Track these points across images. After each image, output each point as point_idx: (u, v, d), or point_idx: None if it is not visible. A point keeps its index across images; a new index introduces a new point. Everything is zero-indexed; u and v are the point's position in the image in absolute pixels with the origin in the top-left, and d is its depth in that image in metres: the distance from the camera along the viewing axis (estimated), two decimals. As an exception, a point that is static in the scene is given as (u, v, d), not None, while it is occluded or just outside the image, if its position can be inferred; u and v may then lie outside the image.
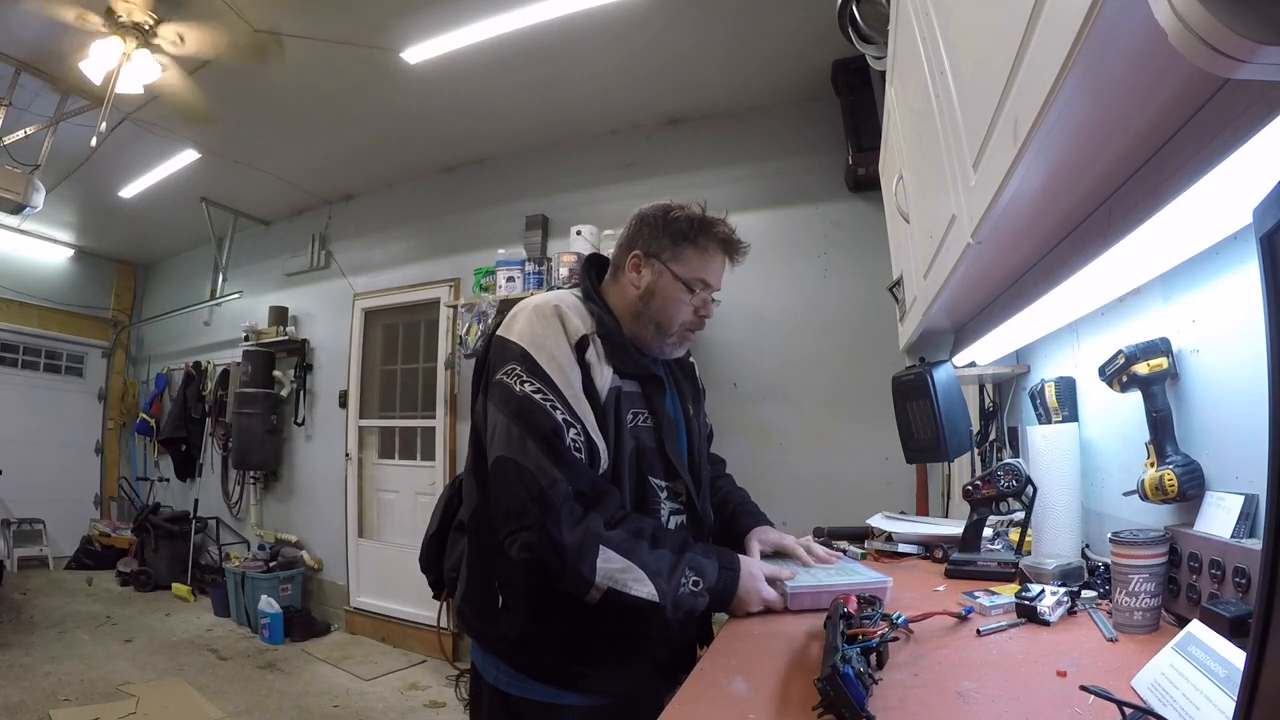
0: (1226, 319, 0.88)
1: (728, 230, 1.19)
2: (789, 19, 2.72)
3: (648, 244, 1.17)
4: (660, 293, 1.16)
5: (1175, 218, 0.61)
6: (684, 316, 1.17)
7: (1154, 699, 0.66)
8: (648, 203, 1.22)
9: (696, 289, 1.16)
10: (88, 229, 5.50)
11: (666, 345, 1.19)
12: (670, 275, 1.15)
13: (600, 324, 1.12)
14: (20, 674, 3.19)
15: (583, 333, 1.09)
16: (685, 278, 1.15)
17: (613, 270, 1.22)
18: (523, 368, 1.04)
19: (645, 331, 1.17)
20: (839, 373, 3.09)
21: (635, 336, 1.18)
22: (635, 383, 1.13)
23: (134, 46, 2.80)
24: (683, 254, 1.16)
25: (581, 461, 1.02)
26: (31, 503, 5.45)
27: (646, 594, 0.98)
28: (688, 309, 1.17)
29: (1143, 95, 0.53)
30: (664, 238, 1.16)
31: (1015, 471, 1.29)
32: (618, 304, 1.19)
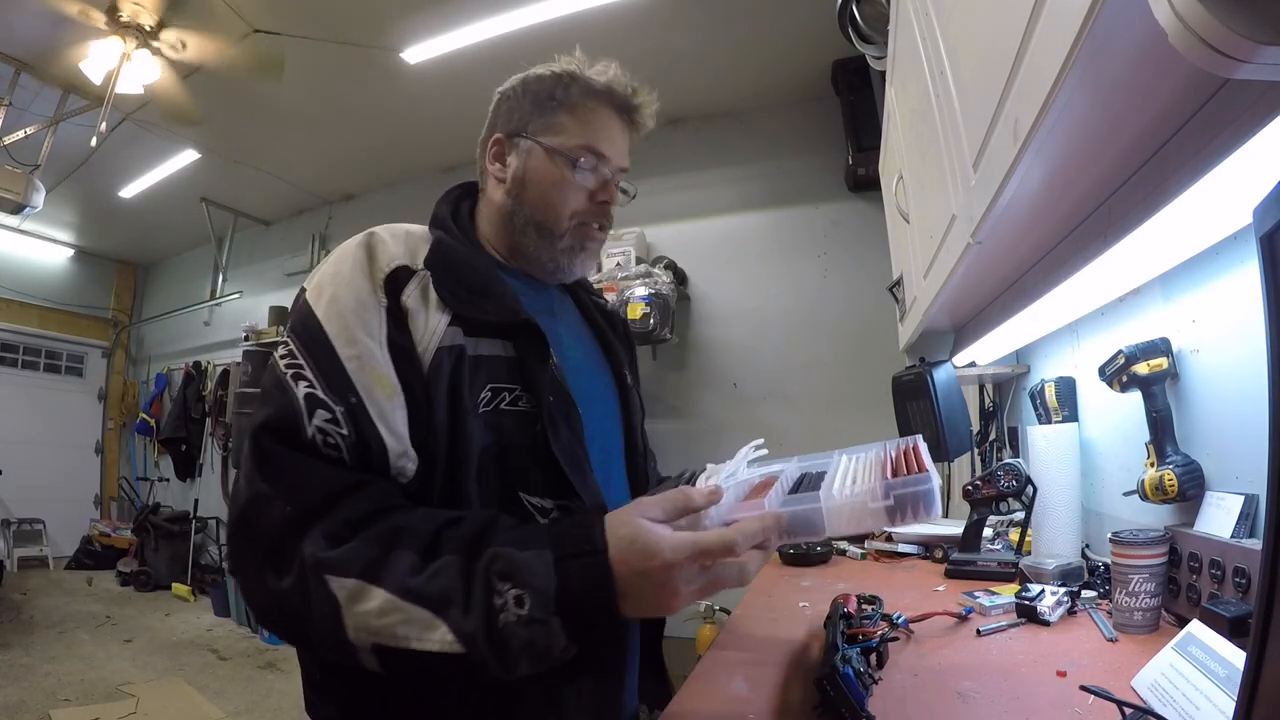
0: (1226, 319, 0.88)
1: (613, 77, 0.85)
2: (789, 19, 2.72)
3: (507, 121, 0.85)
4: (532, 177, 0.82)
5: (1175, 218, 0.61)
6: (574, 203, 0.82)
7: (1154, 699, 0.66)
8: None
9: (581, 160, 0.82)
10: (88, 229, 5.50)
11: (560, 254, 0.84)
12: (541, 151, 0.82)
13: (436, 251, 0.76)
14: (20, 674, 3.19)
15: (399, 263, 0.72)
16: (562, 148, 0.82)
17: (480, 181, 0.90)
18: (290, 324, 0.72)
19: (525, 239, 0.83)
20: (839, 373, 3.09)
21: (516, 254, 0.85)
22: (502, 342, 0.74)
23: (134, 46, 2.80)
24: (555, 121, 0.83)
25: (317, 463, 0.63)
26: (31, 503, 5.45)
27: (436, 643, 0.56)
28: (577, 193, 0.82)
29: (1143, 95, 0.53)
30: (525, 106, 0.84)
31: (1015, 471, 1.29)
32: (488, 217, 0.87)
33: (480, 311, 0.73)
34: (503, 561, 0.57)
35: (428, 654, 0.56)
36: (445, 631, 0.56)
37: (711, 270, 3.39)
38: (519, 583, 0.56)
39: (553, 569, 0.57)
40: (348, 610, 0.57)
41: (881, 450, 0.75)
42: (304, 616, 0.58)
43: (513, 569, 0.57)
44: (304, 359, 0.67)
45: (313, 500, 0.61)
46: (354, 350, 0.67)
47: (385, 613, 0.56)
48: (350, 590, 0.57)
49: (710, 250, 3.39)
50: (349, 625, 0.57)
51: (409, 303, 0.71)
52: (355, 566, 0.58)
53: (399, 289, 0.71)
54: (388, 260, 0.73)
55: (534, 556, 0.58)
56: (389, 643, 0.56)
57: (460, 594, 0.56)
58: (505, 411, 0.72)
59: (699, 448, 3.30)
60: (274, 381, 0.67)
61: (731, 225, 3.39)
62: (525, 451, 0.72)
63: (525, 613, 0.55)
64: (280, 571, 0.59)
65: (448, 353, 0.70)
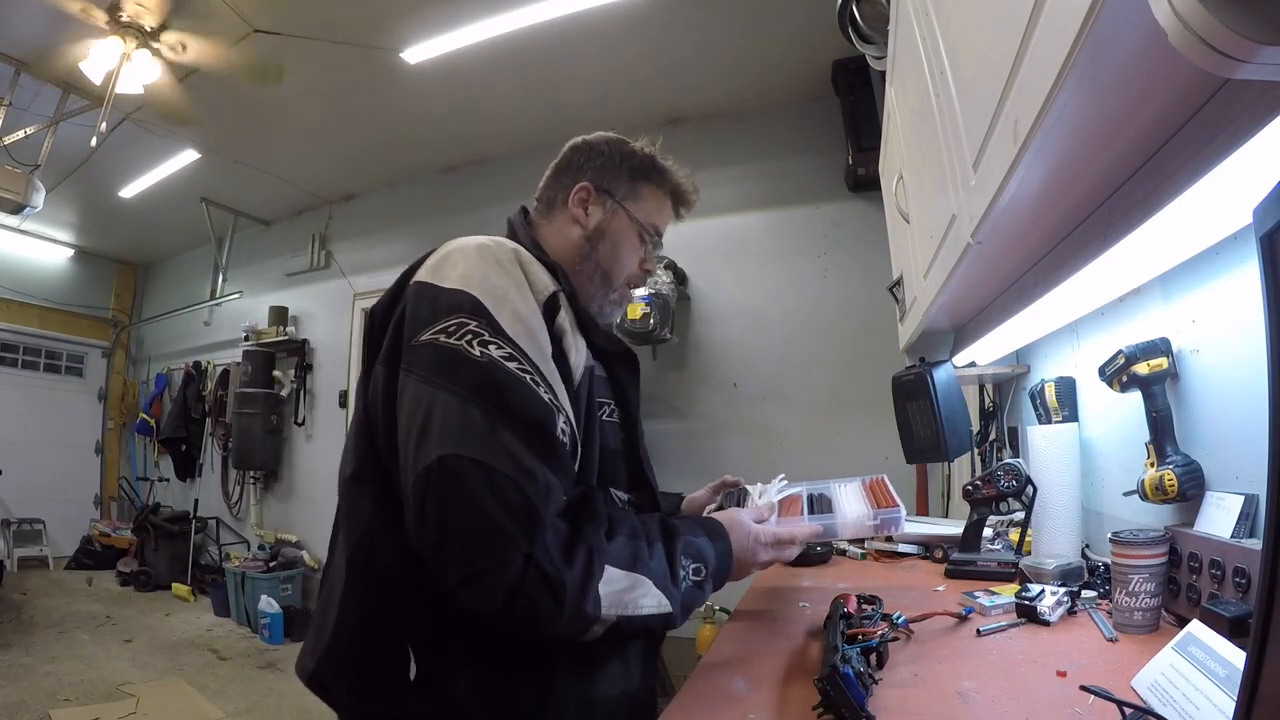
0: (1226, 319, 0.88)
1: (685, 177, 1.03)
2: (789, 19, 2.72)
3: (600, 176, 0.96)
4: (612, 235, 0.95)
5: (1175, 218, 0.61)
6: (631, 266, 0.97)
7: (1154, 699, 0.66)
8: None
9: (649, 237, 0.98)
10: (88, 229, 5.50)
11: (609, 303, 0.97)
12: (625, 216, 0.96)
13: (561, 279, 0.85)
14: (20, 674, 3.19)
15: (552, 289, 0.80)
16: (642, 221, 0.97)
17: (545, 208, 0.99)
18: (479, 323, 0.72)
19: (588, 284, 0.94)
20: (839, 373, 3.09)
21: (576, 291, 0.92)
22: (602, 364, 0.90)
23: (134, 47, 2.80)
24: (641, 194, 0.98)
25: (570, 464, 0.75)
26: (31, 503, 5.45)
27: (657, 608, 0.74)
28: (636, 259, 0.98)
29: (1143, 95, 0.53)
30: (620, 171, 0.97)
31: (1015, 471, 1.29)
32: (556, 249, 0.94)
33: (595, 338, 0.88)
34: (693, 546, 0.81)
35: (645, 617, 0.73)
36: (662, 597, 0.75)
37: (711, 270, 3.39)
38: (701, 559, 0.81)
39: (713, 548, 0.84)
40: (609, 591, 0.71)
41: (861, 482, 1.18)
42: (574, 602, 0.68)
43: (698, 551, 0.82)
44: (526, 363, 0.73)
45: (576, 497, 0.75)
46: (548, 365, 0.76)
47: (634, 588, 0.73)
48: (615, 575, 0.72)
49: (710, 250, 3.38)
50: (606, 604, 0.70)
51: (564, 325, 0.81)
52: (620, 556, 0.73)
53: (553, 316, 0.80)
54: (541, 286, 0.80)
55: (705, 542, 0.83)
56: (629, 611, 0.72)
57: (669, 570, 0.77)
58: (606, 423, 0.89)
59: (699, 447, 3.30)
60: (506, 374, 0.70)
61: (731, 225, 3.39)
62: (618, 455, 0.91)
63: (699, 579, 0.80)
64: (567, 560, 0.69)
65: (589, 371, 0.83)
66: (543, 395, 0.71)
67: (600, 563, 0.70)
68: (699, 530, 0.85)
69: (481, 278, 0.75)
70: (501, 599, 0.66)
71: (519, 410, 0.69)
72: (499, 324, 0.72)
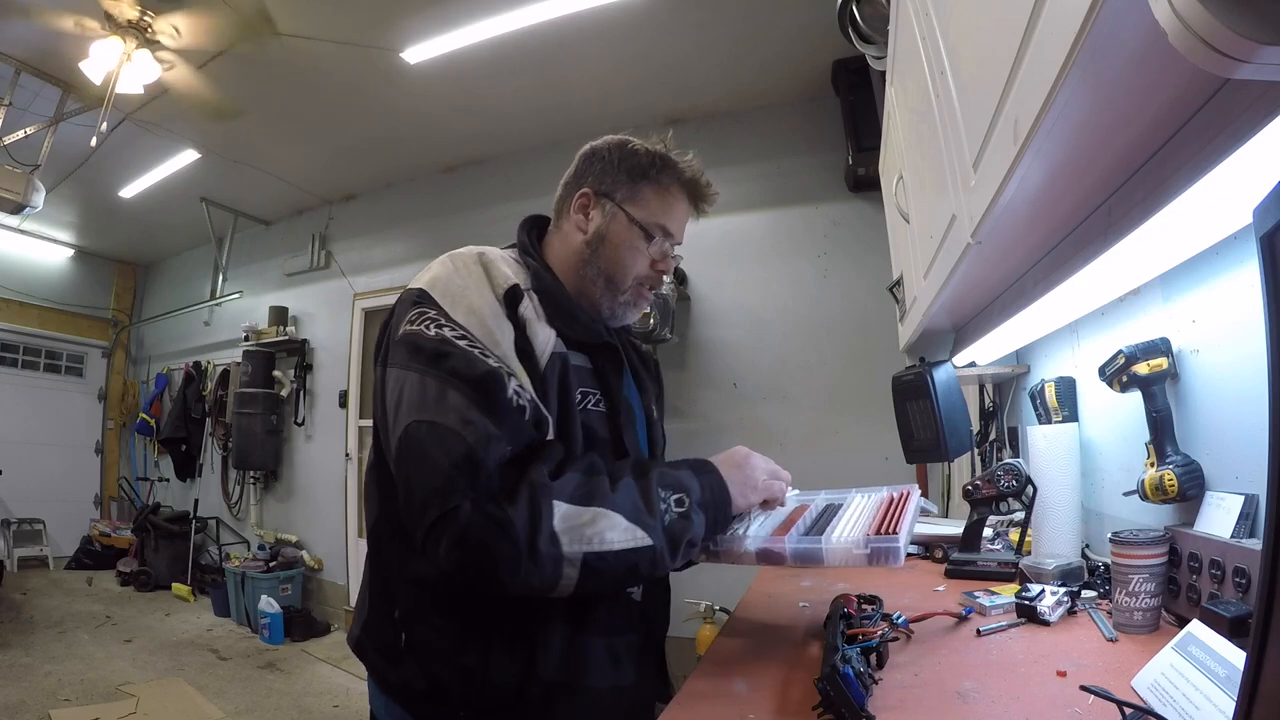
0: (1226, 319, 0.88)
1: (695, 170, 1.00)
2: (789, 19, 2.72)
3: (599, 181, 0.97)
4: (612, 238, 0.96)
5: (1175, 218, 0.61)
6: (639, 269, 0.97)
7: (1154, 699, 0.66)
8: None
9: (655, 236, 0.97)
10: (88, 229, 5.50)
11: (618, 305, 0.98)
12: (625, 218, 0.96)
13: (537, 278, 0.91)
14: (20, 674, 3.19)
15: (514, 282, 0.86)
16: (643, 221, 0.96)
17: (555, 218, 1.03)
18: (435, 311, 0.81)
19: (593, 287, 0.96)
20: (839, 373, 3.09)
21: (581, 294, 0.97)
22: (584, 355, 0.92)
23: (134, 46, 2.80)
24: (641, 194, 0.97)
25: (526, 420, 0.78)
26: (31, 503, 5.45)
27: (631, 541, 0.74)
28: (644, 259, 0.97)
29: (1143, 95, 0.53)
30: (619, 173, 0.97)
31: (1015, 471, 1.29)
32: (561, 255, 0.98)
33: (574, 331, 0.89)
34: (669, 476, 0.82)
35: (620, 551, 0.74)
36: (637, 530, 0.75)
37: (711, 270, 3.39)
38: (679, 489, 0.81)
39: (696, 479, 0.83)
40: (565, 527, 0.72)
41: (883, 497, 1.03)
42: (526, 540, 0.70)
43: (675, 481, 0.81)
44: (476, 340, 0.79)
45: (521, 445, 0.77)
46: (500, 351, 0.80)
47: (595, 521, 0.73)
48: (566, 511, 0.73)
49: (710, 250, 3.38)
50: (565, 541, 0.72)
51: (526, 315, 0.85)
52: (569, 492, 0.75)
53: (515, 304, 0.84)
54: (503, 279, 0.86)
55: (687, 474, 0.84)
56: (598, 547, 0.73)
57: (644, 502, 0.77)
58: (592, 412, 0.90)
59: (699, 448, 3.29)
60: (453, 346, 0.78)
61: (731, 225, 3.39)
62: (605, 444, 0.91)
63: (685, 510, 0.79)
64: (510, 499, 0.72)
65: (558, 358, 0.85)
66: (489, 361, 0.77)
67: (546, 498, 0.73)
68: (680, 465, 0.86)
69: (444, 278, 0.85)
70: (457, 547, 0.70)
71: (464, 371, 0.76)
72: (447, 312, 0.81)
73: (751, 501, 0.89)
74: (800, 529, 0.94)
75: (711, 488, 0.84)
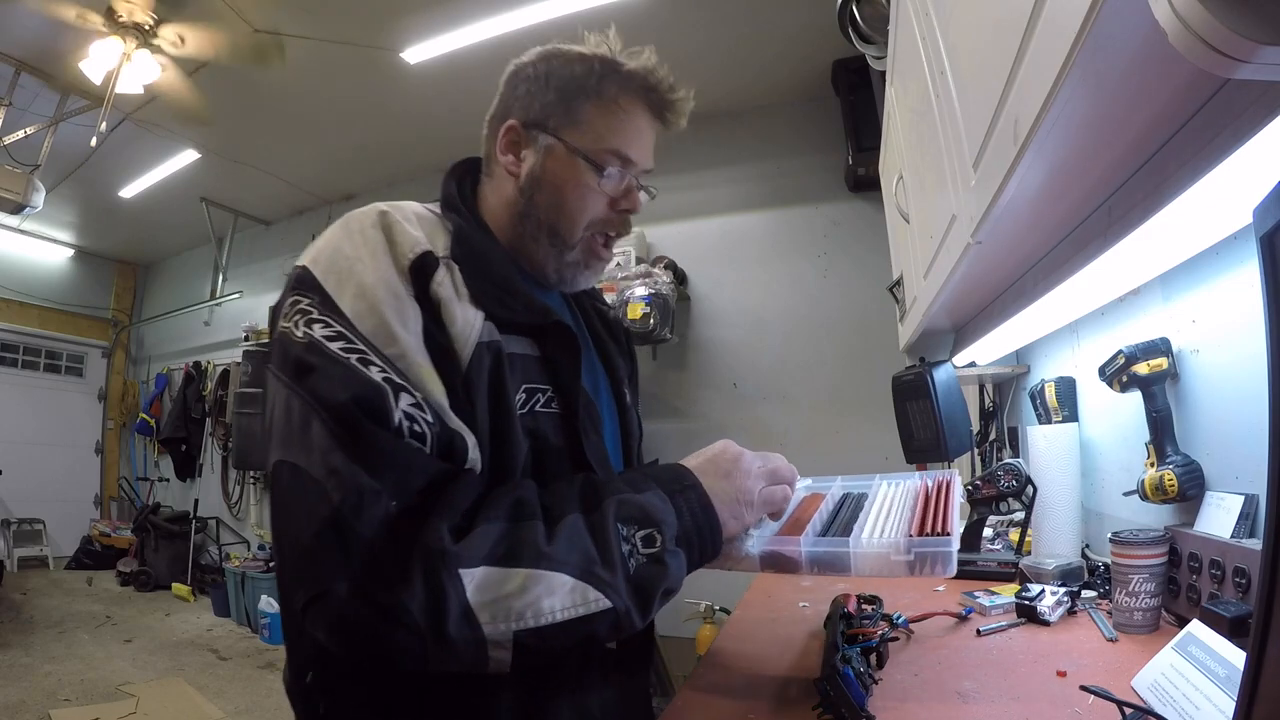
0: (1226, 319, 0.88)
1: (650, 70, 0.76)
2: (789, 19, 2.72)
3: (527, 108, 0.75)
4: (550, 179, 0.74)
5: (1175, 218, 0.61)
6: (593, 211, 0.74)
7: (1154, 699, 0.66)
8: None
9: (607, 166, 0.74)
10: (88, 229, 5.50)
11: (566, 266, 0.76)
12: (563, 150, 0.73)
13: (461, 240, 0.69)
14: (20, 674, 3.19)
15: (424, 249, 0.65)
16: (587, 150, 0.73)
17: (485, 163, 0.81)
18: (310, 299, 0.62)
19: (534, 245, 0.75)
20: (839, 373, 3.09)
21: (524, 257, 0.76)
22: (527, 340, 0.69)
23: (134, 47, 2.80)
24: (580, 115, 0.74)
25: (417, 449, 0.57)
26: (31, 503, 5.45)
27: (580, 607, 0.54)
28: (596, 199, 0.74)
29: (1143, 95, 0.53)
30: (548, 94, 0.74)
31: (1015, 471, 1.29)
32: (495, 210, 0.77)
33: (507, 309, 0.67)
34: (631, 504, 0.60)
35: (573, 621, 0.54)
36: (588, 590, 0.55)
37: (711, 270, 3.39)
38: (647, 521, 0.59)
39: (669, 503, 0.61)
40: (484, 600, 0.52)
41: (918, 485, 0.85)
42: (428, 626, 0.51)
43: (640, 510, 0.59)
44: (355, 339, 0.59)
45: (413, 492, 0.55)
46: (396, 349, 0.59)
47: (527, 588, 0.53)
48: (484, 580, 0.53)
49: (710, 250, 3.39)
50: (485, 619, 0.52)
51: (441, 293, 0.63)
52: (485, 551, 0.54)
53: (426, 278, 0.63)
54: (410, 245, 0.64)
55: (655, 497, 0.61)
56: (533, 622, 0.53)
57: (597, 548, 0.57)
58: (540, 414, 0.69)
59: (699, 448, 3.29)
60: (321, 353, 0.58)
61: (731, 225, 3.39)
62: (559, 454, 0.69)
63: (656, 550, 0.58)
64: (399, 579, 0.52)
65: (487, 349, 0.64)
66: (369, 374, 0.57)
67: (450, 569, 0.52)
68: (645, 483, 0.62)
69: (332, 250, 0.65)
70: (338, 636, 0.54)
71: (328, 395, 0.56)
72: (331, 298, 0.61)
73: (746, 522, 0.66)
74: (816, 527, 0.76)
75: (692, 512, 0.62)
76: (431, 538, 0.53)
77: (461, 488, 0.58)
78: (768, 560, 0.71)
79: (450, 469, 0.59)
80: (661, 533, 0.59)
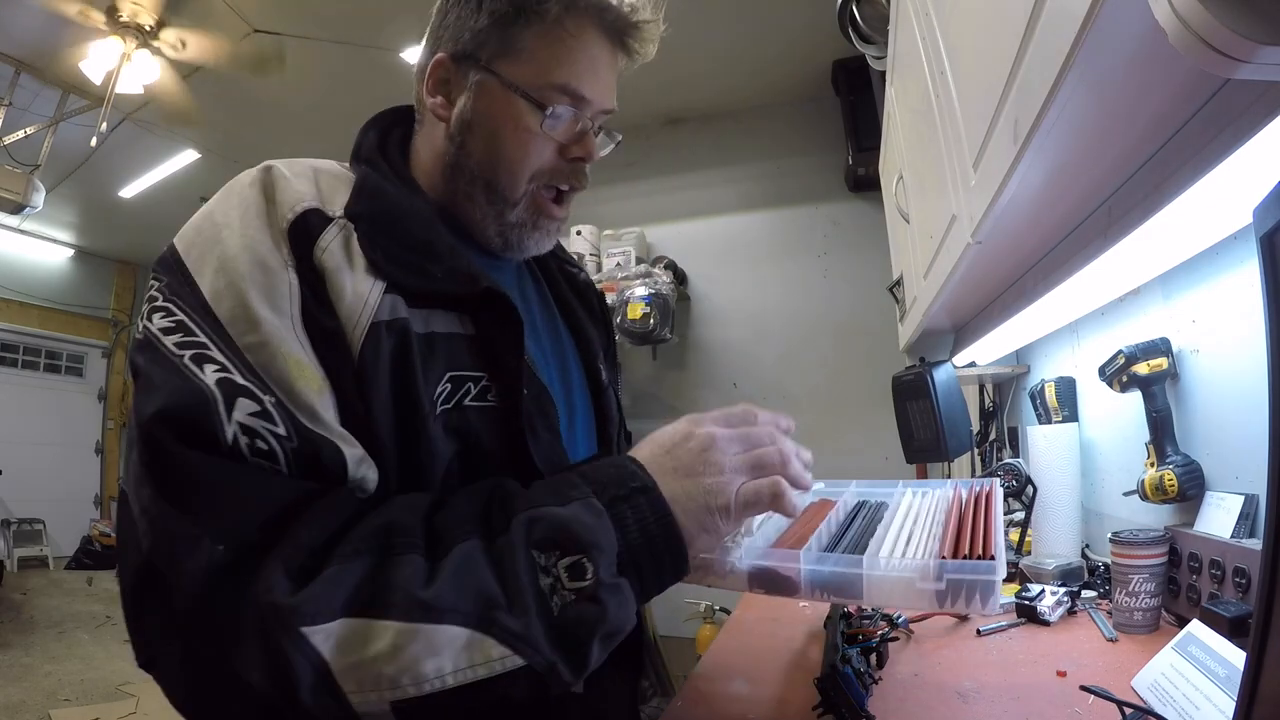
0: (1226, 319, 0.88)
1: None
2: (789, 19, 2.72)
3: (456, 38, 0.62)
4: (483, 122, 0.62)
5: (1175, 218, 0.61)
6: (537, 160, 0.62)
7: (1154, 699, 0.66)
8: None
9: (553, 105, 0.61)
10: (88, 229, 5.49)
11: (511, 226, 0.64)
12: (499, 85, 0.61)
13: (362, 193, 0.58)
14: (20, 674, 3.19)
15: (308, 206, 0.54)
16: (527, 86, 0.60)
17: (417, 110, 0.69)
18: (164, 281, 0.51)
19: (471, 205, 0.64)
20: (839, 372, 3.09)
21: (461, 218, 0.65)
22: (453, 316, 0.57)
23: (134, 47, 2.80)
24: (518, 43, 0.60)
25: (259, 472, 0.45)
26: (31, 503, 5.44)
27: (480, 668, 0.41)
28: (542, 145, 0.62)
29: (1142, 95, 0.53)
30: (480, 20, 0.61)
31: (1015, 471, 1.29)
32: (427, 162, 0.66)
33: (424, 277, 0.54)
34: (548, 525, 0.43)
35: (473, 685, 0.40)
36: (489, 645, 0.40)
37: (711, 270, 3.39)
38: (572, 545, 0.42)
39: (605, 518, 0.44)
40: (345, 665, 0.40)
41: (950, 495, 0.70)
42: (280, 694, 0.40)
43: (562, 532, 0.43)
44: (204, 333, 0.47)
45: (251, 528, 0.42)
46: (258, 336, 0.47)
47: (400, 647, 0.40)
48: (343, 637, 0.40)
49: (710, 250, 3.39)
50: (350, 688, 0.40)
51: (326, 261, 0.51)
52: (341, 601, 0.40)
53: (309, 242, 0.52)
54: (293, 202, 0.53)
55: (582, 510, 0.44)
56: (413, 690, 0.40)
57: (500, 586, 0.41)
58: (470, 409, 0.55)
59: (699, 448, 3.30)
60: (152, 354, 0.47)
61: (731, 225, 3.39)
62: (499, 460, 0.55)
63: (587, 583, 0.42)
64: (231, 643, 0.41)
65: (386, 330, 0.51)
66: (197, 378, 0.45)
67: (289, 629, 0.39)
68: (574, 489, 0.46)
69: (201, 218, 0.55)
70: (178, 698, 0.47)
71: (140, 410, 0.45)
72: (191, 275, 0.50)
73: (722, 532, 0.49)
74: (823, 540, 0.64)
75: (643, 525, 0.45)
76: (261, 589, 0.40)
77: (316, 515, 0.44)
78: (758, 578, 0.58)
79: (306, 489, 0.45)
80: (593, 559, 0.42)
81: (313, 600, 0.40)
